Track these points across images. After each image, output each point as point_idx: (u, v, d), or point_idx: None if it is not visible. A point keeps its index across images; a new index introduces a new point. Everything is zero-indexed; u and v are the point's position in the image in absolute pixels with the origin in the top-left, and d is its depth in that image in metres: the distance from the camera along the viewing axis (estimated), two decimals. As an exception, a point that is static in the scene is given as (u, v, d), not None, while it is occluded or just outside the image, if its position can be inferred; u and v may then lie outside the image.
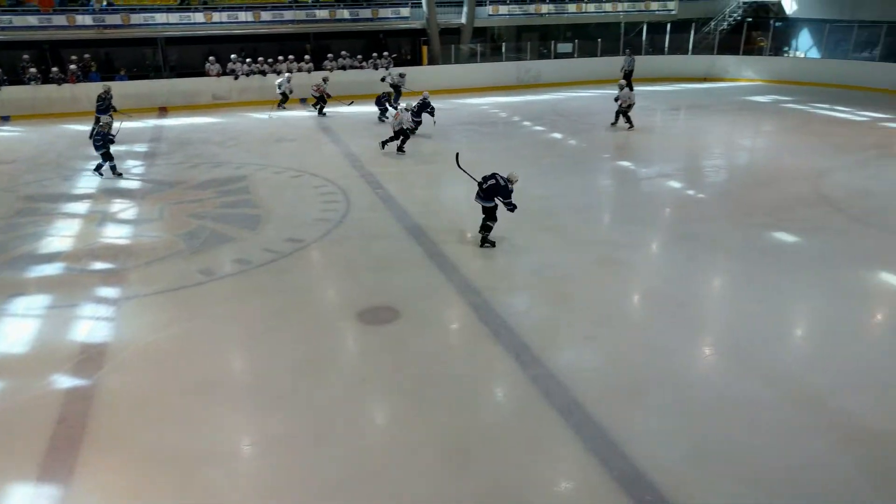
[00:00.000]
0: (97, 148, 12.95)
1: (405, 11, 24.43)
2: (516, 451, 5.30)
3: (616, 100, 17.03)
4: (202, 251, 9.48)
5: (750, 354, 6.68)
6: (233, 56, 22.13)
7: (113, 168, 13.25)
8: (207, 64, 21.88)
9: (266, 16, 22.93)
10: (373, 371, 6.53)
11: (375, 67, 22.89)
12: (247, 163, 14.47)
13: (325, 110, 19.74)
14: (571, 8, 26.37)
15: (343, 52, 23.16)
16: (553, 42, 25.98)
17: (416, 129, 16.13)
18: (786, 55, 26.89)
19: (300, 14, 23.17)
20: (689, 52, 26.34)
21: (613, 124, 17.39)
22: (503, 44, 26.01)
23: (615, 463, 5.03)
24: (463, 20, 24.96)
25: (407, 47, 26.41)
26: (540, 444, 5.38)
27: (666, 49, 26.57)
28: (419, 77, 19.55)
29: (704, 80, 24.79)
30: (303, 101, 21.30)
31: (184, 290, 8.27)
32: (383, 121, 18.16)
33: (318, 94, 19.70)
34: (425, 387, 6.23)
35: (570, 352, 6.83)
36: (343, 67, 22.78)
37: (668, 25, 26.52)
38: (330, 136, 17.22)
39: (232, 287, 8.42)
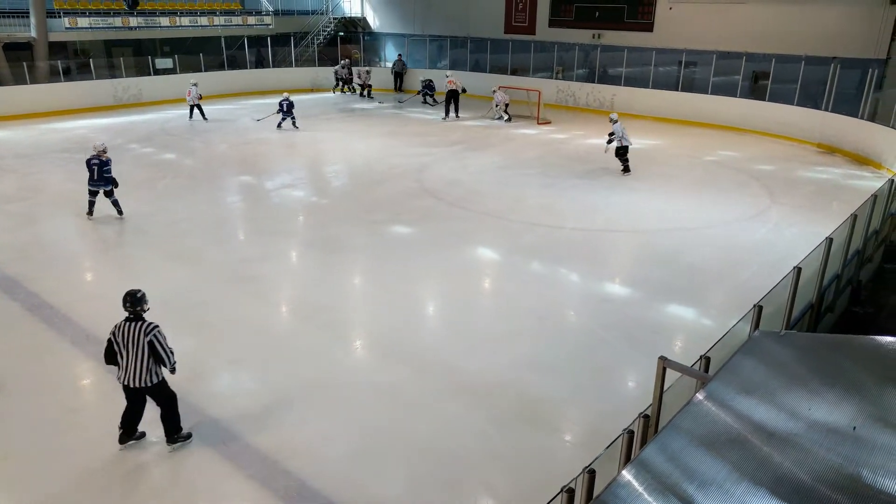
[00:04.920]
0: None
1: (-54, 22, 20.08)
2: (172, 504, 4.84)
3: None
4: None
5: (391, 342, 7.24)
6: None
7: None
8: None
9: None
10: (-31, 467, 5.26)
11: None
12: None
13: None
14: (164, 21, 24.94)
15: None
16: (150, 57, 24.25)
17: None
18: (378, 65, 29.69)
19: None
20: (293, 65, 27.25)
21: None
22: (91, 60, 23.26)
23: (278, 481, 4.95)
24: (33, 33, 21.61)
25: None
26: (198, 489, 5.00)
27: (271, 62, 27.02)
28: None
29: (312, 90, 25.93)
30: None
31: None
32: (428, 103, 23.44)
33: (361, 84, 25.24)
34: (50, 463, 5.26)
35: (216, 381, 6.49)
36: None
37: (269, 39, 26.97)
38: None
39: None
